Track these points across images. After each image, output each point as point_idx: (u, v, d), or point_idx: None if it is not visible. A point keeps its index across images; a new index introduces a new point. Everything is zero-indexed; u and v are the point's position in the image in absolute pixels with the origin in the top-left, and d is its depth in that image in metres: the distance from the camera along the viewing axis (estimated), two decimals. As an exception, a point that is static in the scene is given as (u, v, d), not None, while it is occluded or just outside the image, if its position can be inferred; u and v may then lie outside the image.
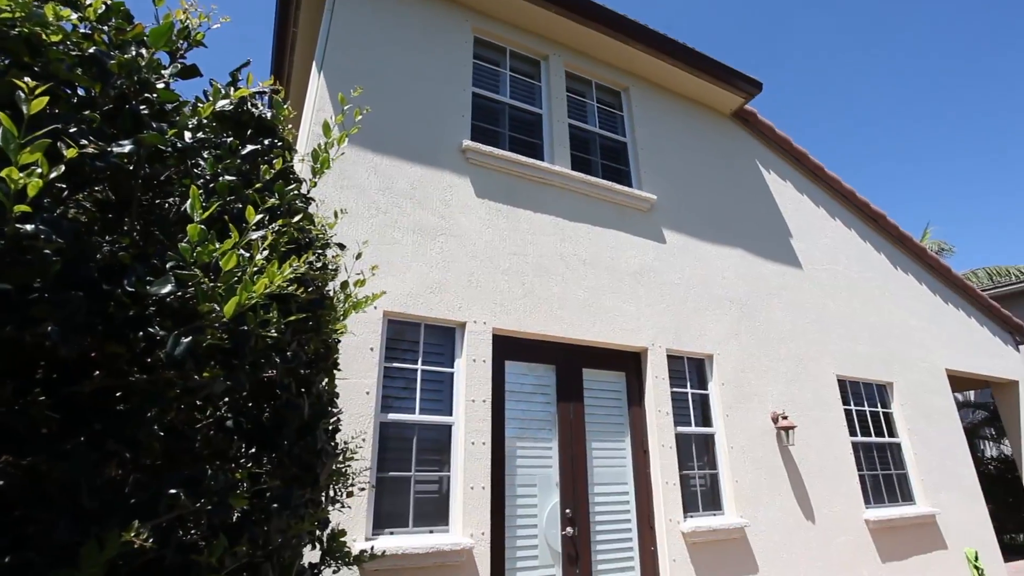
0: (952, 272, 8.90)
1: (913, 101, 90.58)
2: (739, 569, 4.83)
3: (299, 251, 1.44)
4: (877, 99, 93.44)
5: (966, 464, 7.58)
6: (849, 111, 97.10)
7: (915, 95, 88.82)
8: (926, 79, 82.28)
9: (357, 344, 3.73)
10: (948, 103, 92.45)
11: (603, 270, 5.12)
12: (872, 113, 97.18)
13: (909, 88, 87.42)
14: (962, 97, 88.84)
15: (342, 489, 2.18)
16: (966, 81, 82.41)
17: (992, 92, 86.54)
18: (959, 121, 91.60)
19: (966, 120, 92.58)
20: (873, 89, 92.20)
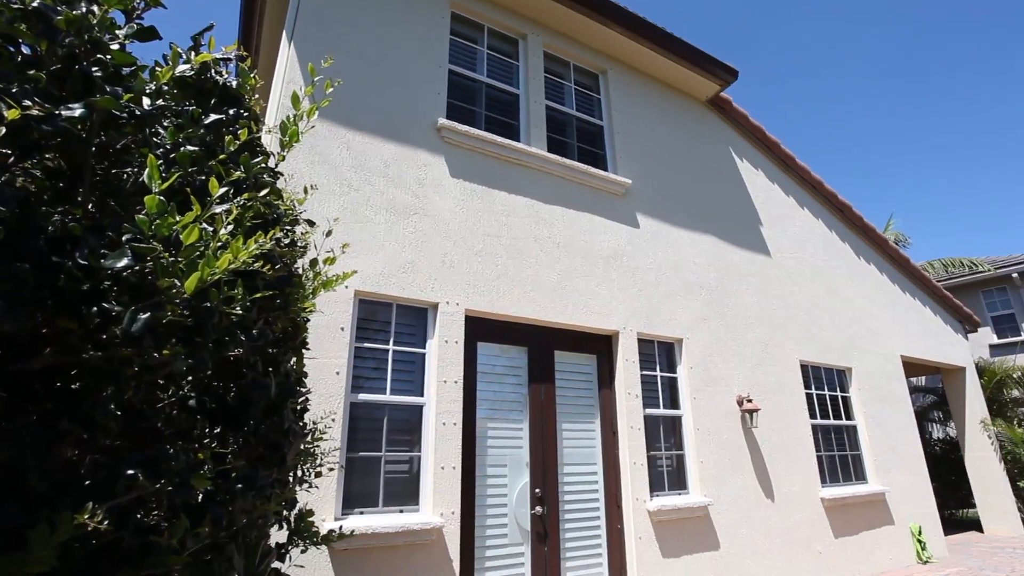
0: (910, 263, 9.24)
1: (881, 95, 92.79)
2: (701, 545, 5.00)
3: (266, 227, 1.39)
4: (845, 91, 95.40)
5: (915, 445, 7.97)
6: (820, 102, 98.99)
7: (883, 89, 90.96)
8: (897, 75, 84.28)
9: (327, 323, 3.68)
10: (918, 98, 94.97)
11: (577, 253, 5.13)
12: (843, 105, 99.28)
13: (877, 82, 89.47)
14: (934, 92, 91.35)
15: (310, 469, 2.16)
16: (938, 78, 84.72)
17: (963, 90, 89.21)
18: (926, 117, 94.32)
19: (932, 116, 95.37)
20: (842, 81, 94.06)
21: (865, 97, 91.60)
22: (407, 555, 3.57)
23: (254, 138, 1.49)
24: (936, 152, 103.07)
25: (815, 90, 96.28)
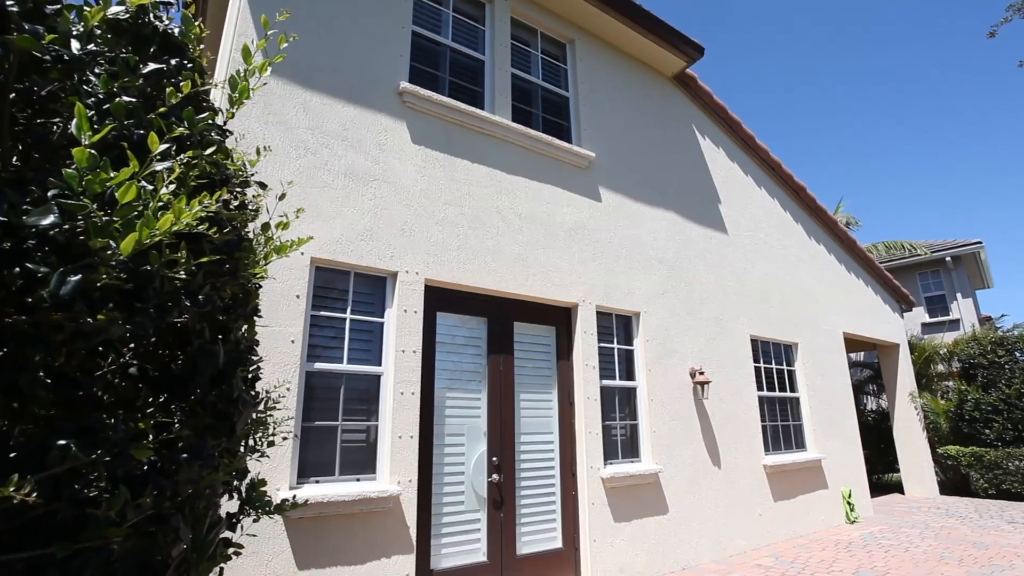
0: (857, 244, 9.66)
1: (841, 82, 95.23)
2: (652, 510, 5.22)
3: (212, 187, 1.32)
4: (802, 75, 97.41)
5: (851, 416, 8.49)
6: (777, 83, 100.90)
7: (845, 77, 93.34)
8: (861, 63, 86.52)
9: (282, 291, 3.57)
10: (876, 85, 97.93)
11: (539, 225, 5.13)
12: (803, 88, 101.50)
13: (839, 71, 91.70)
14: (890, 81, 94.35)
15: (263, 439, 2.12)
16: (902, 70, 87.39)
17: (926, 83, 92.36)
18: (876, 106, 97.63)
19: (881, 105, 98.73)
20: (798, 64, 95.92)
21: (820, 81, 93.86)
22: (364, 522, 3.59)
23: (199, 92, 1.39)
24: (887, 133, 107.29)
25: (772, 71, 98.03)
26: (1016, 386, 9.65)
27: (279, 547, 3.26)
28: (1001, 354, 10.13)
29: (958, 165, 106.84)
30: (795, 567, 5.33)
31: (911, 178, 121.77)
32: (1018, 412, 9.55)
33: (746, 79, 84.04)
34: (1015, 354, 10.06)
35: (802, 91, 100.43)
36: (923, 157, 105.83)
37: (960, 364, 10.78)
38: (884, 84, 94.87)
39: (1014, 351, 10.09)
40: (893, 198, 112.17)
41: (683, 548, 5.37)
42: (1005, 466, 9.28)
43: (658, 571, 5.09)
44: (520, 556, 4.44)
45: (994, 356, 10.18)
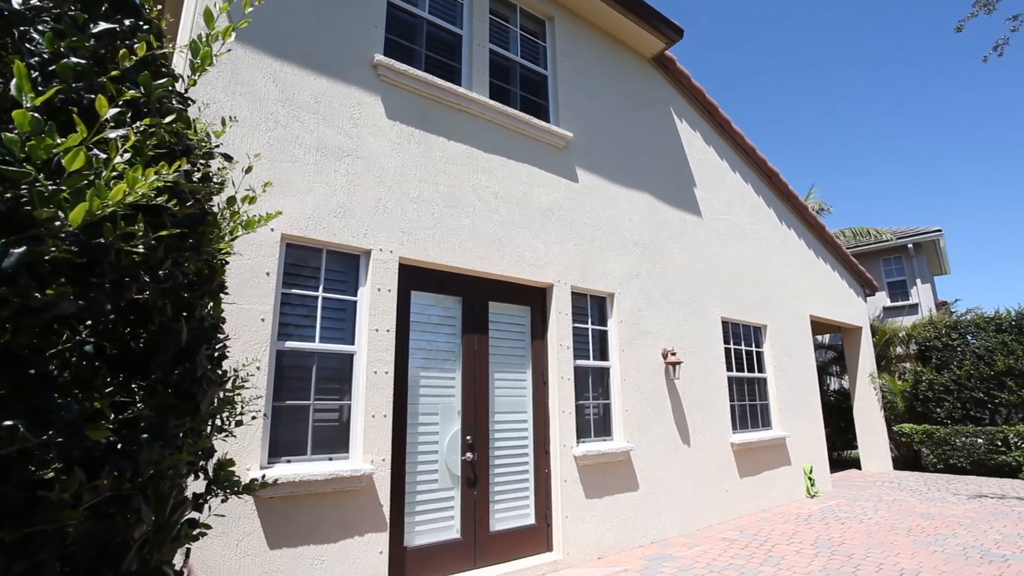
0: (825, 230, 9.88)
1: (814, 66, 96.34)
2: (622, 487, 5.34)
3: (172, 158, 1.26)
4: (773, 62, 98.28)
5: (815, 396, 8.78)
6: (750, 71, 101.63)
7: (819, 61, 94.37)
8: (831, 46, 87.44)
9: (251, 268, 3.48)
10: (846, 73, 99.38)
11: (515, 205, 5.09)
12: (773, 74, 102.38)
13: (812, 53, 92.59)
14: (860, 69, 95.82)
15: (230, 418, 2.08)
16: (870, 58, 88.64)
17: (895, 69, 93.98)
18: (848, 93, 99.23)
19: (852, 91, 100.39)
20: (771, 52, 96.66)
21: (792, 66, 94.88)
22: (336, 501, 3.58)
23: (156, 55, 1.32)
24: (857, 122, 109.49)
25: (745, 59, 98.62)
26: (966, 368, 10.10)
27: (250, 527, 3.23)
28: (954, 337, 10.56)
29: (921, 154, 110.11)
30: (758, 539, 5.53)
31: (880, 165, 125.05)
32: (967, 392, 10.02)
33: (721, 64, 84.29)
34: (967, 337, 10.50)
35: (776, 76, 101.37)
36: (893, 144, 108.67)
37: (917, 347, 11.21)
38: (862, 71, 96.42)
39: (966, 335, 10.53)
40: (862, 185, 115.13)
41: (652, 523, 5.52)
42: (953, 442, 9.76)
43: (628, 545, 5.22)
44: (493, 532, 4.50)
45: (948, 339, 10.61)
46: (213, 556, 3.08)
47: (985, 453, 9.41)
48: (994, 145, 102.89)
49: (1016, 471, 9.11)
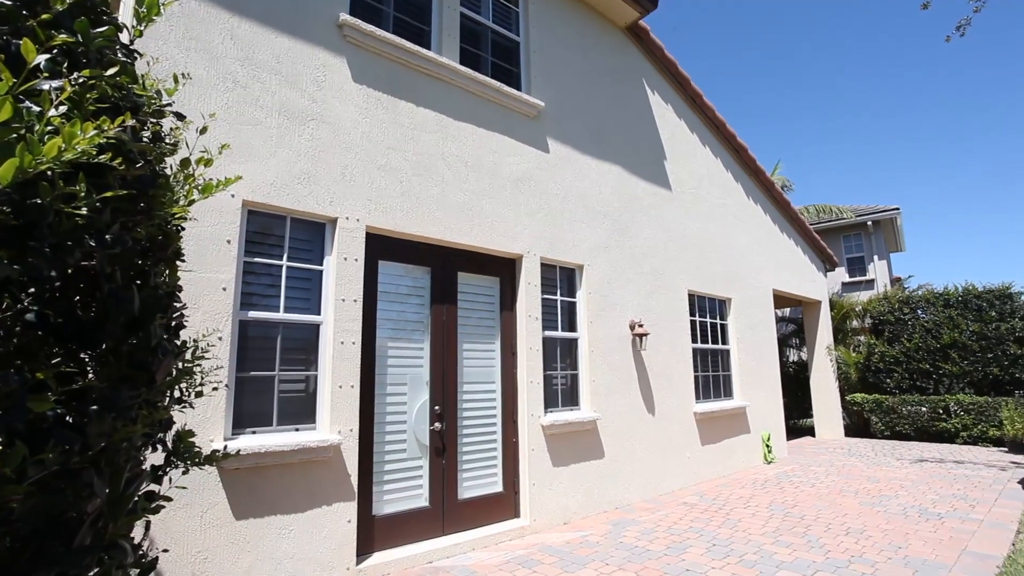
0: (791, 206, 10.09)
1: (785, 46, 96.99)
2: (589, 455, 5.47)
3: (116, 113, 1.18)
4: (746, 36, 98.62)
5: (774, 367, 9.11)
6: (720, 46, 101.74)
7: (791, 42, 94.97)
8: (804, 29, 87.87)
9: (211, 235, 3.35)
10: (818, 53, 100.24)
11: (485, 174, 5.02)
12: (745, 51, 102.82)
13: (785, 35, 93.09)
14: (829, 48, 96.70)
15: (190, 389, 2.02)
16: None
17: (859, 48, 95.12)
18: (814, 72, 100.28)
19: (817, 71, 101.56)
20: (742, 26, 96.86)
21: (762, 41, 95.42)
22: (303, 472, 3.56)
23: (95, 1, 1.22)
24: (825, 98, 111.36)
25: (716, 33, 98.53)
26: (915, 341, 10.61)
27: (214, 498, 3.19)
28: (906, 312, 11.05)
29: (882, 132, 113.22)
30: (717, 503, 5.78)
31: (842, 143, 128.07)
32: (915, 364, 10.55)
33: (691, 37, 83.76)
34: (917, 312, 10.99)
35: (751, 54, 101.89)
36: (854, 122, 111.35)
37: (872, 320, 11.69)
38: (834, 51, 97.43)
39: (917, 309, 11.02)
40: (825, 162, 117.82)
41: (617, 489, 5.69)
42: (899, 411, 10.31)
43: (593, 511, 5.39)
44: (462, 500, 4.57)
45: (900, 314, 11.09)
46: (177, 527, 3.04)
47: (928, 420, 9.98)
48: (952, 125, 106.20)
49: (954, 437, 9.71)
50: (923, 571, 3.77)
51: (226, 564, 3.19)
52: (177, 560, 3.02)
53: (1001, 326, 9.87)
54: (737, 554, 4.18)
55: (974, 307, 10.29)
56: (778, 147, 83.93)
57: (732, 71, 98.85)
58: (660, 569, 3.89)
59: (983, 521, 4.95)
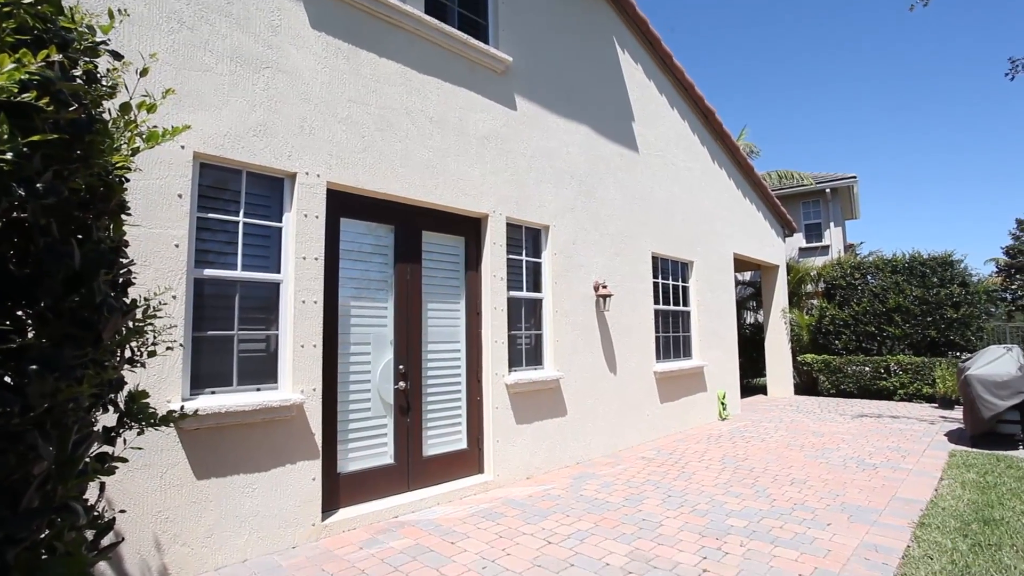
0: (754, 172, 10.25)
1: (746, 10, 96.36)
2: (552, 413, 5.60)
3: (40, 46, 1.07)
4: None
5: (732, 329, 9.43)
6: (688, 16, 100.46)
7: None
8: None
9: (160, 188, 3.18)
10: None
11: (451, 131, 4.89)
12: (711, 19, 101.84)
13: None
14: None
15: (142, 348, 1.95)
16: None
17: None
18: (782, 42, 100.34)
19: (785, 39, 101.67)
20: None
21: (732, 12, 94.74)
22: (266, 431, 3.53)
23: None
24: (794, 70, 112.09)
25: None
26: (863, 304, 11.12)
27: (174, 458, 3.14)
28: (857, 277, 11.52)
29: (841, 99, 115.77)
30: (673, 458, 6.04)
31: (805, 109, 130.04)
32: (862, 326, 11.09)
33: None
34: (867, 277, 11.48)
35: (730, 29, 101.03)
36: (819, 90, 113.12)
37: (825, 285, 12.16)
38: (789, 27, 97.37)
39: (867, 274, 11.51)
40: (791, 128, 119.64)
41: (579, 446, 5.88)
42: (845, 370, 10.89)
43: (555, 466, 5.56)
44: (427, 457, 4.64)
45: (851, 279, 11.56)
46: (136, 488, 2.99)
47: (870, 379, 10.59)
48: (909, 95, 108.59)
49: (893, 394, 10.35)
50: (857, 515, 4.06)
51: (188, 523, 3.17)
52: (138, 521, 2.99)
53: (941, 292, 10.43)
54: (690, 504, 4.40)
55: (918, 273, 10.81)
56: (745, 113, 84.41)
57: (703, 43, 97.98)
58: (618, 519, 4.07)
59: (912, 470, 5.34)
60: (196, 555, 3.19)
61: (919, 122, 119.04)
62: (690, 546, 3.55)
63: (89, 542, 1.58)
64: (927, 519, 3.95)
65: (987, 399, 5.98)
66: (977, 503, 4.28)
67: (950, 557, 3.29)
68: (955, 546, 3.45)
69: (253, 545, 3.43)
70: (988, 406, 5.98)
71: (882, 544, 3.53)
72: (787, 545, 3.53)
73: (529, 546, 3.59)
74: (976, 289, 10.63)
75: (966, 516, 3.99)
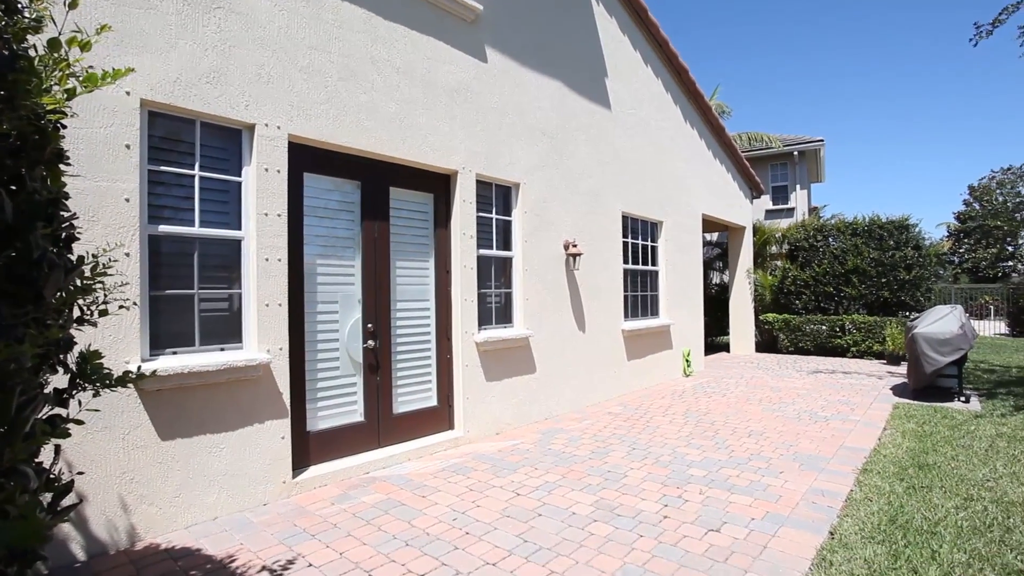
0: (725, 132, 10.26)
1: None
2: (521, 370, 5.68)
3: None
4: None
5: (699, 288, 9.63)
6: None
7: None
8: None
9: (106, 138, 2.99)
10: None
11: (418, 82, 4.71)
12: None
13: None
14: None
15: (92, 307, 1.86)
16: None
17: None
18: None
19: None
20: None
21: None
22: (232, 391, 3.47)
23: None
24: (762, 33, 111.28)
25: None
26: (824, 266, 11.48)
27: (136, 420, 3.07)
28: (819, 239, 11.84)
29: (812, 65, 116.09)
30: (638, 412, 6.24)
31: (778, 73, 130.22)
32: (821, 287, 11.48)
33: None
34: (829, 239, 11.81)
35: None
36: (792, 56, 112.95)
37: (789, 246, 12.47)
38: None
39: (828, 237, 11.83)
40: (762, 89, 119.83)
41: (548, 402, 6.00)
42: (804, 329, 11.33)
43: (524, 422, 5.68)
44: (397, 414, 4.67)
45: (814, 240, 11.87)
46: (97, 451, 2.93)
47: (826, 337, 11.05)
48: (875, 63, 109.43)
49: (846, 351, 10.85)
50: (807, 463, 4.30)
51: (155, 484, 3.14)
52: (102, 483, 2.94)
53: (896, 254, 10.83)
54: (654, 456, 4.58)
55: (877, 236, 11.16)
56: (717, 73, 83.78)
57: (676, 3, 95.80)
58: (585, 471, 4.21)
59: (859, 421, 5.65)
60: (165, 514, 3.18)
61: (885, 90, 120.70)
62: (653, 495, 3.70)
63: (48, 505, 1.54)
64: (869, 465, 4.21)
65: (930, 355, 6.32)
66: (914, 450, 4.58)
67: (887, 499, 3.53)
68: (892, 489, 3.70)
69: (224, 503, 3.43)
70: (931, 362, 6.32)
71: (828, 489, 3.75)
72: (743, 492, 3.72)
73: (498, 498, 3.69)
74: (928, 252, 11.07)
75: (904, 462, 4.27)
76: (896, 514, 3.29)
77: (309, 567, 2.77)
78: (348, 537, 3.11)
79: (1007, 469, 4.09)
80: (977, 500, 3.50)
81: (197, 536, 3.15)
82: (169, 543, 3.06)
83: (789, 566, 2.71)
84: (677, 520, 3.29)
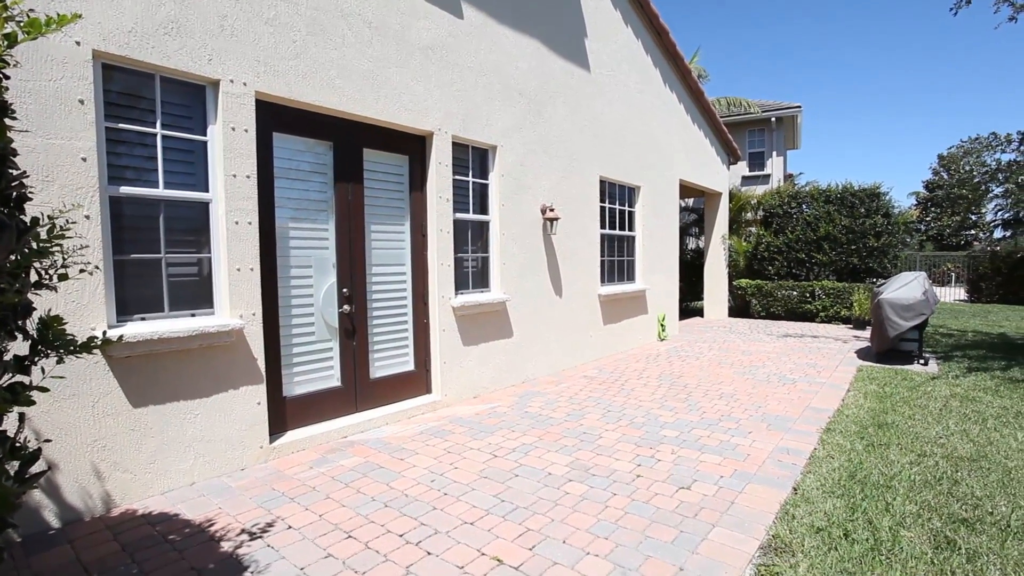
0: (704, 97, 10.18)
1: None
2: (498, 335, 5.71)
3: None
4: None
5: (674, 254, 9.73)
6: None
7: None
8: None
9: (56, 92, 2.81)
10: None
11: (391, 39, 4.53)
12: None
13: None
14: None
15: (51, 271, 1.79)
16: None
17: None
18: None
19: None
20: None
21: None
22: (205, 357, 3.42)
23: None
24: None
25: None
26: (797, 232, 11.68)
27: (106, 387, 3.01)
28: (793, 206, 12.00)
29: (790, 31, 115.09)
30: (614, 376, 6.36)
31: (761, 35, 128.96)
32: (794, 253, 11.71)
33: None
34: (802, 207, 11.98)
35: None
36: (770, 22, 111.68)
37: (763, 213, 12.62)
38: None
39: (802, 204, 12.00)
40: (742, 55, 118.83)
41: (525, 366, 6.07)
42: (775, 294, 11.60)
43: (502, 385, 5.74)
44: (374, 379, 4.68)
45: (788, 207, 12.03)
46: (65, 419, 2.87)
47: (797, 303, 11.35)
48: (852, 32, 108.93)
49: (815, 316, 11.17)
50: (775, 424, 4.47)
51: (128, 451, 3.10)
52: (72, 451, 2.89)
53: (866, 221, 11.06)
54: (628, 418, 4.69)
55: (848, 203, 11.36)
56: (697, 35, 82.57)
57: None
58: (561, 433, 4.30)
59: (825, 383, 5.87)
60: (139, 481, 3.15)
61: (863, 60, 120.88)
62: (626, 455, 3.81)
63: (15, 473, 1.51)
64: (833, 425, 4.39)
65: (894, 320, 6.54)
66: (875, 410, 4.78)
67: (848, 456, 3.70)
68: (852, 447, 3.88)
69: (200, 469, 3.42)
70: (894, 326, 6.55)
71: (793, 447, 3.91)
72: (713, 452, 3.86)
73: (476, 460, 3.75)
74: (896, 220, 11.33)
75: (864, 421, 4.47)
76: (855, 470, 3.45)
77: (288, 529, 2.80)
78: (327, 500, 3.15)
79: (958, 427, 4.31)
80: (929, 456, 3.70)
81: (175, 501, 3.14)
82: (146, 509, 3.06)
83: (754, 520, 2.84)
84: (649, 479, 3.40)
